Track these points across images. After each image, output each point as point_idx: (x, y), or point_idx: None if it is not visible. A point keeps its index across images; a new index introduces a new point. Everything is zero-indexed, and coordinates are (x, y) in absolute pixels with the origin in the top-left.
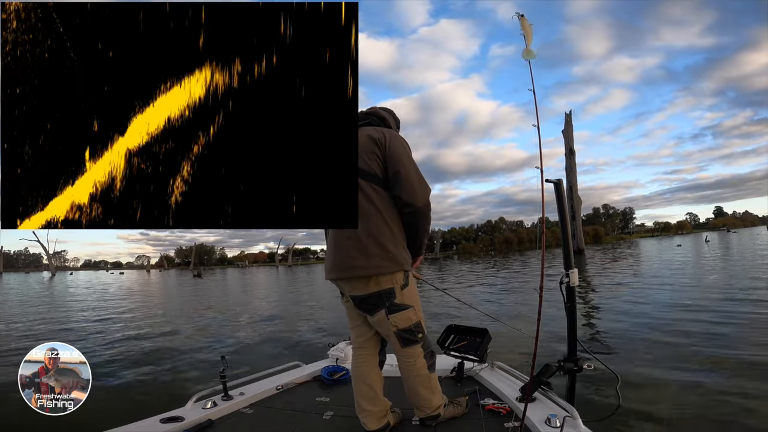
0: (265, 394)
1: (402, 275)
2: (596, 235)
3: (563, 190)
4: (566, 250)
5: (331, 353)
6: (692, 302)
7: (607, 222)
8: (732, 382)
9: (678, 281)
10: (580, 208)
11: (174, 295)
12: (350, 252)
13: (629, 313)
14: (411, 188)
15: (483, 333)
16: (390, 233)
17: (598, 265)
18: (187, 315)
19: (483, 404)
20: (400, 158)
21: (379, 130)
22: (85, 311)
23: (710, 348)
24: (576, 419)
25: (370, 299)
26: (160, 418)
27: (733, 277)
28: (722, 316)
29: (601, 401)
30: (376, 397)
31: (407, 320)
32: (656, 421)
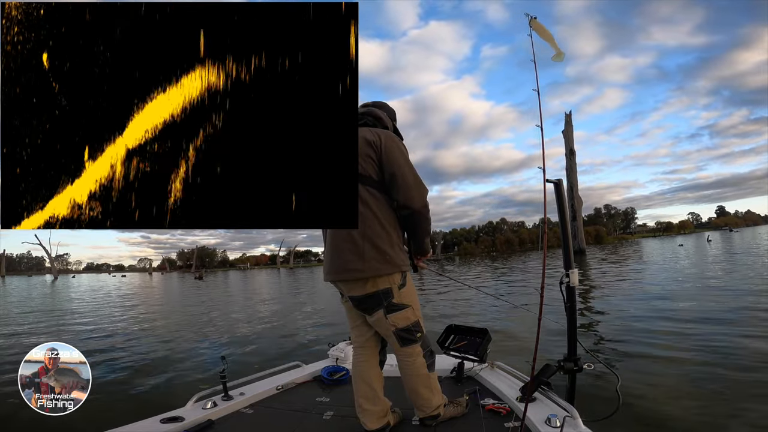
0: (265, 394)
1: (399, 276)
2: (598, 235)
3: (563, 190)
4: (566, 250)
5: (331, 353)
6: (692, 302)
7: (608, 222)
8: (732, 382)
9: (679, 280)
10: (581, 208)
11: (176, 297)
12: (347, 255)
13: (629, 313)
14: (408, 190)
15: (483, 333)
16: (386, 235)
17: (599, 265)
18: (188, 316)
19: (483, 404)
20: (396, 160)
21: (374, 131)
22: (86, 312)
23: (711, 348)
24: (576, 419)
25: (368, 299)
26: (160, 418)
27: (734, 276)
28: (723, 316)
29: (601, 401)
30: (376, 397)
31: (405, 320)
32: (656, 422)
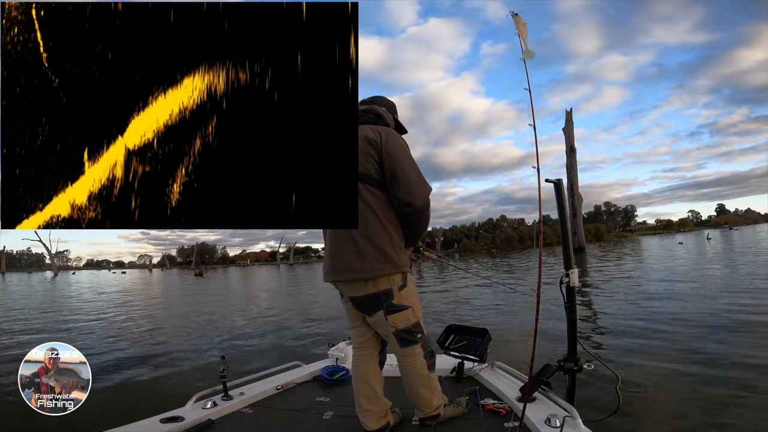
0: (265, 394)
1: (400, 276)
2: (598, 232)
3: (563, 189)
4: (566, 249)
5: (331, 353)
6: (693, 302)
7: (609, 220)
8: (733, 383)
9: (679, 279)
10: (581, 206)
11: (175, 295)
12: (347, 255)
13: (629, 312)
14: (410, 188)
15: (483, 333)
16: (387, 235)
17: (598, 262)
18: (188, 315)
19: (483, 404)
20: (397, 157)
21: (375, 129)
22: (86, 310)
23: (712, 348)
24: (576, 419)
25: (368, 300)
26: (160, 418)
27: (734, 275)
28: (723, 316)
29: (601, 401)
30: (376, 397)
31: (406, 321)
32: (656, 421)
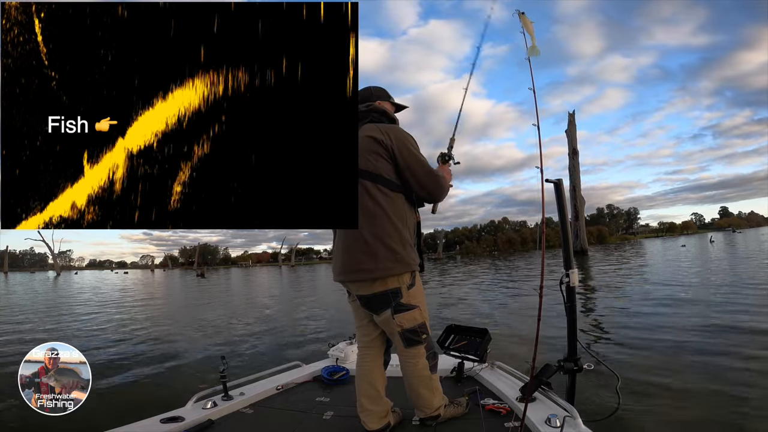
0: (265, 394)
1: (409, 275)
2: (600, 235)
3: (563, 190)
4: (566, 250)
5: (331, 353)
6: (693, 301)
7: (611, 222)
8: (733, 383)
9: (680, 281)
10: (584, 208)
11: (177, 295)
12: (357, 255)
13: (629, 313)
14: (422, 185)
15: (483, 333)
16: (397, 234)
17: (600, 264)
18: (188, 315)
19: (483, 404)
20: (408, 157)
21: (381, 128)
22: (87, 311)
23: (712, 348)
24: (576, 419)
25: (377, 299)
26: (160, 418)
27: (737, 277)
28: (724, 317)
29: (601, 401)
30: (378, 397)
31: (412, 320)
32: (656, 421)
